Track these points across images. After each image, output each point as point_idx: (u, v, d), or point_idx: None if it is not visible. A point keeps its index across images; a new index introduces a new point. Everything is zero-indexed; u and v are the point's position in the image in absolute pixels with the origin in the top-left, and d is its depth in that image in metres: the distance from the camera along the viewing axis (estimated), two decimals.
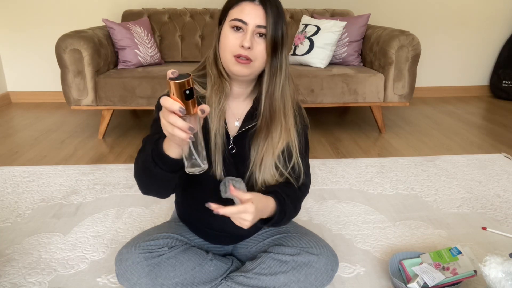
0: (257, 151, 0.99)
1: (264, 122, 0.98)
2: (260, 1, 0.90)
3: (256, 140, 0.99)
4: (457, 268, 1.13)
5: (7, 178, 1.89)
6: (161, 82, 2.33)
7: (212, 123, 0.95)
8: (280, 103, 0.98)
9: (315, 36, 2.58)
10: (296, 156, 1.02)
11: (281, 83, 0.97)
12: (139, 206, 1.64)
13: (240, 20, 0.90)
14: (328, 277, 1.03)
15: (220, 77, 0.97)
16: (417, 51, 2.40)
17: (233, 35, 0.91)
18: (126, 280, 0.98)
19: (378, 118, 2.58)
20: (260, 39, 0.91)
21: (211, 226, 1.08)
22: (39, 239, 1.40)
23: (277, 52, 0.93)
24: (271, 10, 0.90)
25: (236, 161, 1.01)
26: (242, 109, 1.03)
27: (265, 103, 0.98)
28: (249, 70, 0.93)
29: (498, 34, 3.45)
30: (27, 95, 3.31)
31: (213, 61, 0.98)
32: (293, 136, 1.01)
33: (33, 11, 3.09)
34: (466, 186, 1.83)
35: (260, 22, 0.90)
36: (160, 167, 0.83)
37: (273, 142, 0.98)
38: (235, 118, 1.03)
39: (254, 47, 0.91)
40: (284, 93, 0.98)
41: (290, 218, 1.02)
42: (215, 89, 0.96)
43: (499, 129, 2.68)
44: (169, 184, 0.89)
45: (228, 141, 1.00)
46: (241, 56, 0.90)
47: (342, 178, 1.92)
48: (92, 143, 2.38)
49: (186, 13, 2.91)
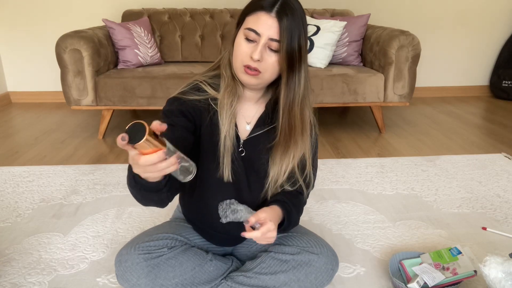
0: (275, 166, 0.99)
1: (283, 138, 0.97)
2: (276, 13, 0.86)
3: (275, 155, 0.99)
4: (457, 268, 1.13)
5: (7, 178, 1.89)
6: (161, 82, 2.33)
7: (223, 125, 0.95)
8: (299, 119, 0.96)
9: (315, 36, 2.58)
10: (309, 166, 1.04)
11: (300, 98, 0.94)
12: (139, 206, 1.63)
13: (253, 31, 0.87)
14: (328, 277, 1.03)
15: (234, 80, 0.96)
16: (417, 51, 2.40)
17: (245, 44, 0.89)
18: (126, 281, 0.98)
19: (378, 118, 2.58)
20: (272, 52, 0.89)
21: (215, 228, 1.08)
22: (39, 239, 1.40)
23: (294, 66, 0.90)
24: (287, 23, 0.86)
25: (245, 164, 1.01)
26: (253, 112, 1.03)
27: (283, 118, 0.96)
28: (257, 81, 0.93)
29: (498, 34, 3.45)
30: (27, 95, 3.31)
31: (227, 64, 0.97)
32: (308, 148, 1.01)
33: (33, 11, 3.09)
34: (466, 186, 1.83)
35: (273, 35, 0.87)
36: (144, 189, 0.80)
37: (291, 156, 0.99)
38: (245, 121, 1.02)
39: (264, 59, 0.89)
40: (303, 108, 0.96)
41: (296, 224, 1.07)
42: (228, 91, 0.95)
43: (499, 129, 2.68)
44: (160, 196, 0.85)
45: (238, 144, 1.00)
46: (250, 67, 0.89)
47: (342, 178, 1.92)
48: (92, 143, 2.38)
49: (186, 13, 2.91)
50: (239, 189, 1.02)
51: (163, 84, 2.33)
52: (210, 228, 1.09)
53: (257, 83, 0.94)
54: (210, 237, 1.12)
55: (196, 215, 1.12)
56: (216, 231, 1.09)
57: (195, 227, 1.14)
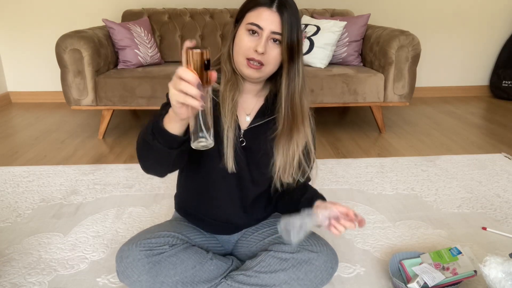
0: (282, 154, 1.03)
1: (287, 126, 1.01)
2: (277, 8, 0.91)
3: (279, 144, 1.03)
4: (457, 268, 1.13)
5: (7, 178, 1.89)
6: (161, 82, 2.33)
7: (225, 118, 0.98)
8: (299, 107, 1.00)
9: (315, 36, 2.58)
10: (313, 154, 1.08)
11: (299, 87, 0.99)
12: (139, 206, 1.64)
13: (256, 25, 0.92)
14: (328, 275, 1.03)
15: (234, 74, 1.00)
16: (417, 51, 2.40)
17: (248, 38, 0.93)
18: (127, 278, 0.98)
19: (378, 118, 2.58)
20: (274, 44, 0.94)
21: (215, 216, 1.12)
22: (39, 239, 1.40)
23: (294, 58, 0.95)
24: (287, 17, 0.91)
25: (247, 153, 1.04)
26: (252, 104, 1.06)
27: (285, 108, 1.00)
28: (259, 74, 0.96)
29: (498, 34, 3.45)
30: (27, 95, 3.31)
31: (227, 59, 1.00)
32: (310, 136, 1.06)
33: (33, 11, 3.10)
34: (466, 186, 1.83)
35: (276, 29, 0.92)
36: (158, 141, 0.84)
37: (295, 143, 1.02)
38: (245, 113, 1.06)
39: (267, 52, 0.93)
40: (302, 97, 1.01)
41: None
42: (230, 85, 0.99)
43: (499, 129, 2.68)
44: (167, 160, 0.89)
45: (238, 134, 1.03)
46: (254, 60, 0.93)
47: (342, 178, 1.92)
48: (92, 143, 2.38)
49: (186, 13, 2.91)
50: (241, 178, 1.05)
51: (163, 84, 2.33)
52: (211, 218, 1.12)
53: (259, 76, 0.97)
54: (209, 226, 1.15)
55: (195, 205, 1.14)
56: (217, 220, 1.12)
57: (190, 218, 1.16)
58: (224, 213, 1.10)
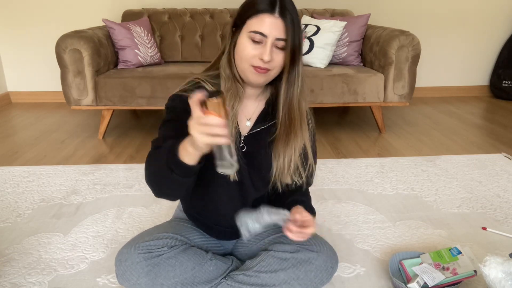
0: (279, 159, 1.03)
1: (284, 130, 1.01)
2: (279, 13, 0.90)
3: (276, 148, 1.03)
4: (457, 268, 1.13)
5: (7, 178, 1.89)
6: (161, 82, 2.33)
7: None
8: (297, 111, 1.00)
9: (315, 36, 2.58)
10: (311, 157, 1.07)
11: (298, 91, 0.99)
12: (139, 206, 1.64)
13: (259, 33, 0.90)
14: (328, 274, 1.03)
15: (235, 81, 0.99)
16: (417, 51, 2.40)
17: (251, 46, 0.92)
18: (126, 280, 0.99)
19: (378, 118, 2.58)
20: (278, 50, 0.93)
21: (219, 222, 1.12)
22: (39, 239, 1.40)
23: (295, 61, 0.96)
24: (290, 21, 0.90)
25: (247, 160, 1.03)
26: (253, 108, 1.05)
27: (283, 111, 1.00)
28: (265, 78, 0.96)
29: (498, 34, 3.45)
30: (27, 95, 3.31)
31: (227, 65, 0.99)
32: (307, 139, 1.05)
33: (33, 11, 3.10)
34: (466, 186, 1.83)
35: (279, 35, 0.90)
36: (177, 173, 0.83)
37: (292, 148, 1.02)
38: (245, 118, 1.05)
39: (273, 59, 0.93)
40: (300, 100, 1.01)
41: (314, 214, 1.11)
42: (230, 93, 0.98)
43: (499, 129, 2.68)
44: (184, 187, 0.89)
45: (239, 140, 1.02)
46: (261, 67, 0.93)
47: (342, 178, 1.92)
48: (92, 143, 2.38)
49: (186, 13, 2.91)
50: (243, 184, 1.04)
51: (163, 84, 2.33)
52: (214, 223, 1.13)
53: (264, 81, 0.98)
54: (211, 231, 1.15)
55: (199, 212, 1.14)
56: (220, 226, 1.12)
57: (197, 223, 1.15)
58: (227, 219, 1.09)
